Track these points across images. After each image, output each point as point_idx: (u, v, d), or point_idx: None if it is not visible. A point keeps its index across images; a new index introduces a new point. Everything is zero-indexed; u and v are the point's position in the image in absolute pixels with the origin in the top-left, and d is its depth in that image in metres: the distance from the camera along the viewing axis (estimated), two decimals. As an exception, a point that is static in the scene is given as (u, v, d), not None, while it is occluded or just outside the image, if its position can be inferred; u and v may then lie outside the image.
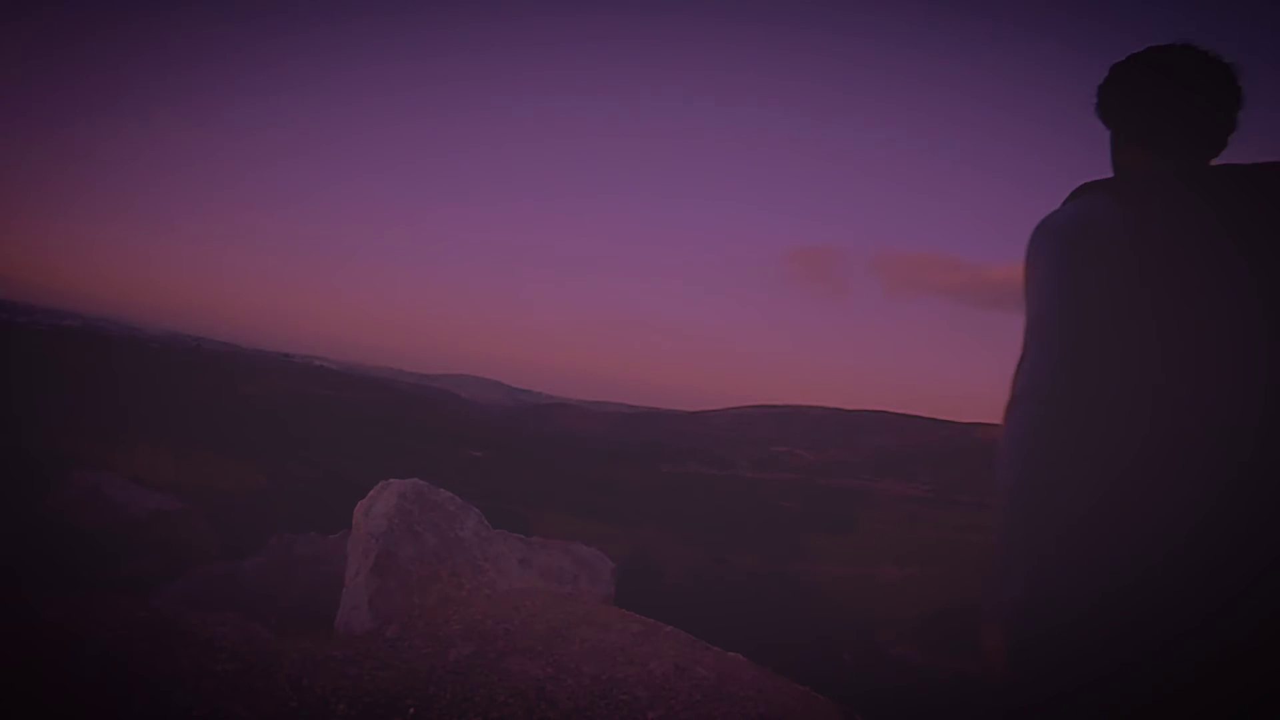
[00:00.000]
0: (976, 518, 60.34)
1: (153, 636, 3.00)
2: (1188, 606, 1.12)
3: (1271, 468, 1.12)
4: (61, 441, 28.93)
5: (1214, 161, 1.36)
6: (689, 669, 3.28)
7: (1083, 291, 1.23)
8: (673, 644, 3.59)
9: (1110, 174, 1.46)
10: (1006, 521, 1.21)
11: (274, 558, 6.10)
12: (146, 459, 34.92)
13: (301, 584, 5.67)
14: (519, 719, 2.86)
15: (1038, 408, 1.21)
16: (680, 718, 2.93)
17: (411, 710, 2.84)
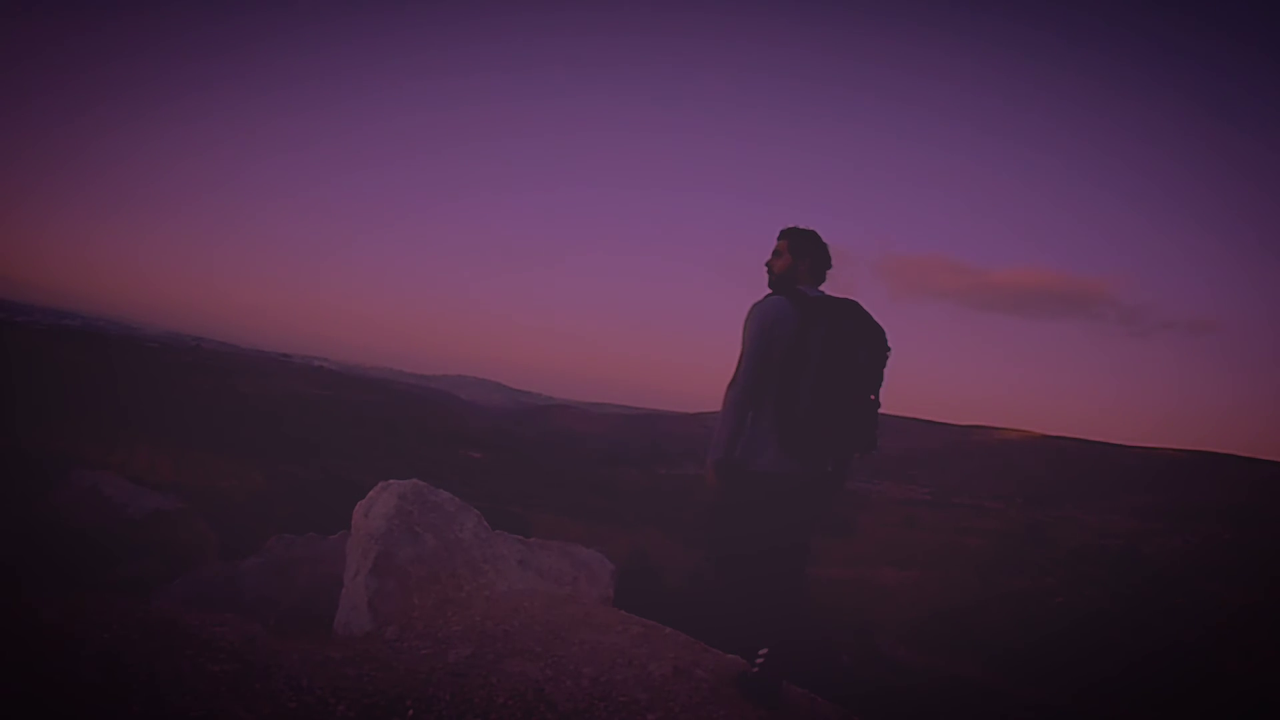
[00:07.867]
0: (975, 520, 60.31)
1: (152, 637, 2.99)
2: (795, 472, 2.89)
3: (839, 418, 2.83)
4: (61, 441, 28.95)
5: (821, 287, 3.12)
6: (688, 671, 3.28)
7: (769, 344, 2.87)
8: (672, 646, 3.59)
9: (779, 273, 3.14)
10: (720, 432, 2.88)
11: (273, 558, 6.09)
12: (146, 459, 34.91)
13: (301, 585, 5.67)
14: (518, 721, 2.85)
15: (738, 391, 2.88)
16: (679, 720, 2.93)
17: (411, 712, 2.84)
